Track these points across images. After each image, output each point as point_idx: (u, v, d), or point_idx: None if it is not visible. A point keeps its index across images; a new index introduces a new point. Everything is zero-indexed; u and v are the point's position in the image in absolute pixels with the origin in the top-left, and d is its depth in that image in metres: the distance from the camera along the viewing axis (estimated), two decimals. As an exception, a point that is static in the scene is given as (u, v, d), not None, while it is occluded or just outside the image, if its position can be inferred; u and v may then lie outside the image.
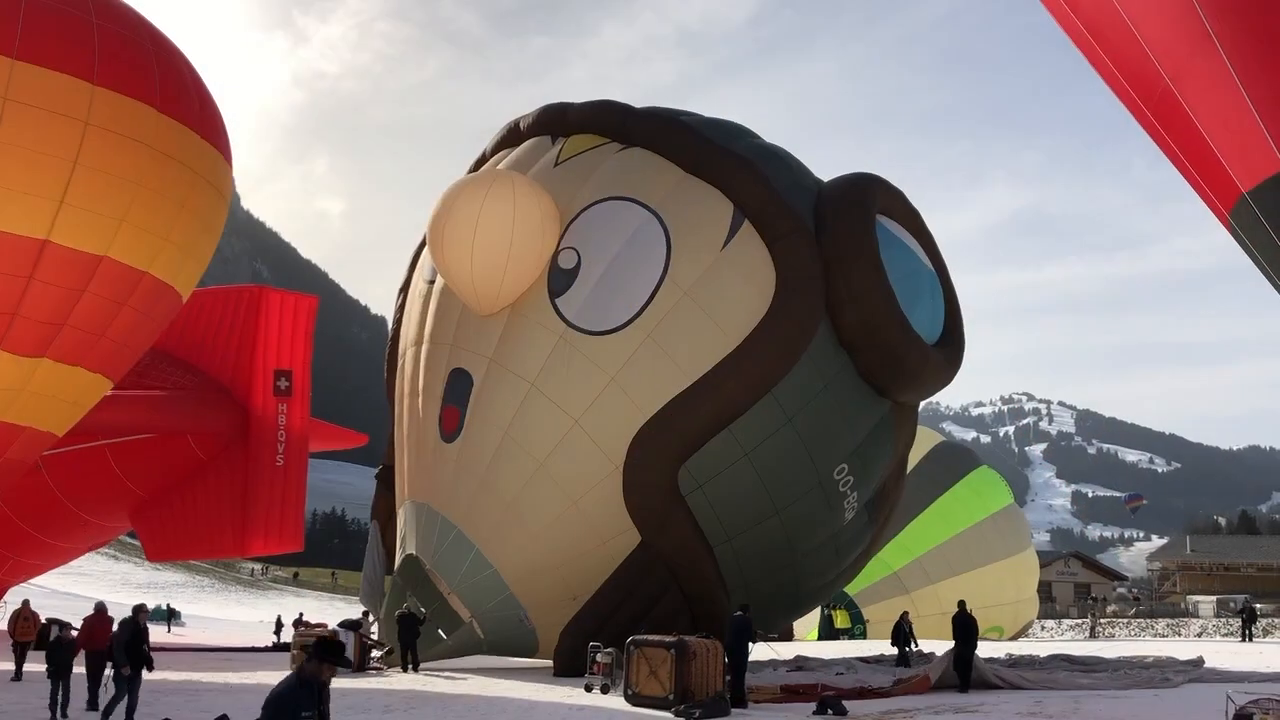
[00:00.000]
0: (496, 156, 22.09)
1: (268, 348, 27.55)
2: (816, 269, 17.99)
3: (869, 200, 19.18)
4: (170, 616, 40.97)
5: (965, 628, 16.94)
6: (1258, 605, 44.48)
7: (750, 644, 15.19)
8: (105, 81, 16.54)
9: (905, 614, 20.39)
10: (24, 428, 17.84)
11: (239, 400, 27.28)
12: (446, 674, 18.30)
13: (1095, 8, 11.26)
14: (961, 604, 17.50)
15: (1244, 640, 34.81)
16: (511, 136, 21.98)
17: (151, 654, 13.07)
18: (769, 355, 17.57)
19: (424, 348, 20.25)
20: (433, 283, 20.37)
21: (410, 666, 18.42)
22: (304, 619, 34.85)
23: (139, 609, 13.48)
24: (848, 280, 18.03)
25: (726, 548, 18.15)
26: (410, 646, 18.49)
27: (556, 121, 20.89)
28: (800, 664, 20.83)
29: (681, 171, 18.73)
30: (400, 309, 22.64)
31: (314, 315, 28.81)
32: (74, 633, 14.23)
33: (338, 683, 16.73)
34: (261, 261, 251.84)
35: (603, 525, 17.95)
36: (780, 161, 19.60)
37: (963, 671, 16.75)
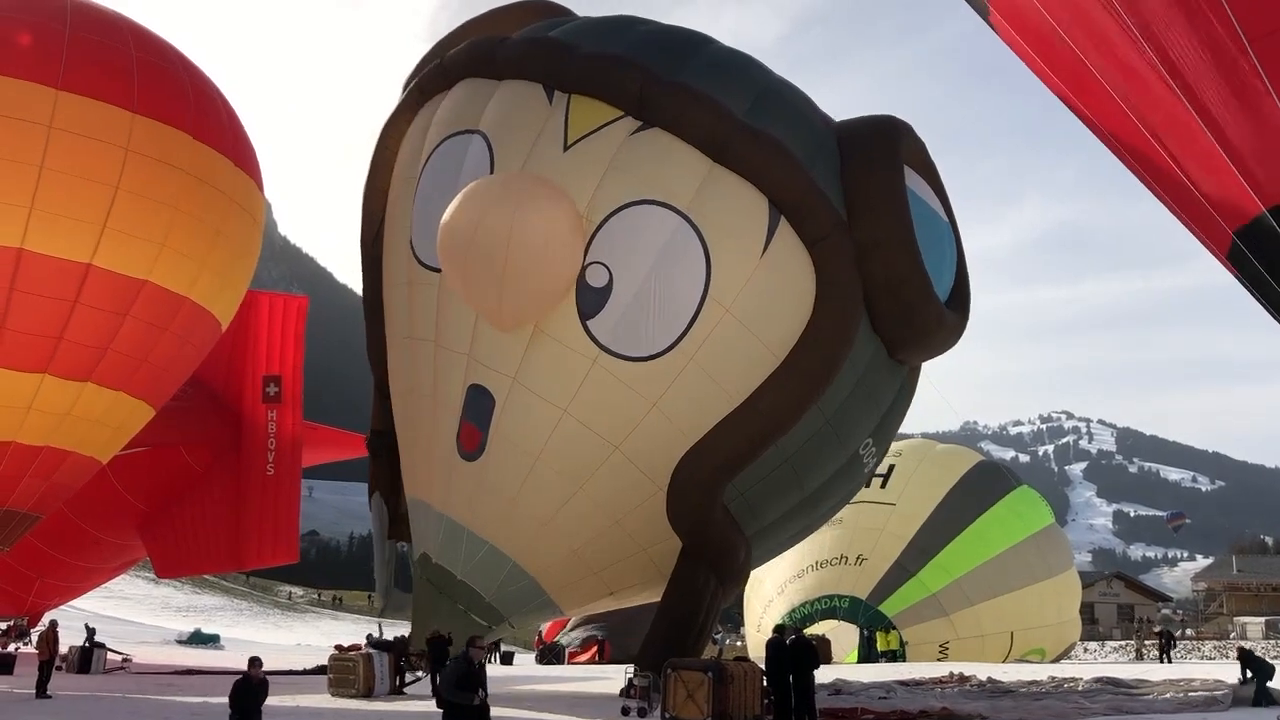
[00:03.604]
0: (467, 86, 19.09)
1: (257, 353, 26.70)
2: (854, 267, 17.27)
3: (898, 161, 18.12)
4: (90, 637, 38.67)
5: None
6: (1175, 630, 48.51)
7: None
8: (144, 109, 16.89)
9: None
10: (69, 453, 18.13)
11: (230, 408, 26.49)
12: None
13: (1072, 74, 11.54)
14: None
15: (1163, 662, 35.32)
16: (483, 61, 18.97)
17: (486, 695, 10.90)
18: (814, 369, 17.09)
19: (432, 348, 18.83)
20: (435, 270, 18.30)
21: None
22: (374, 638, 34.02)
23: (473, 642, 11.23)
24: (887, 267, 17.28)
25: (756, 530, 18.34)
26: (441, 669, 18.38)
27: (553, 71, 18.04)
28: (839, 688, 20.46)
29: (709, 161, 17.24)
30: (376, 274, 20.67)
31: (304, 317, 27.91)
32: (262, 669, 11.78)
33: (373, 706, 16.57)
34: (298, 286, 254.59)
35: (644, 536, 17.97)
36: (797, 115, 18.28)
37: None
